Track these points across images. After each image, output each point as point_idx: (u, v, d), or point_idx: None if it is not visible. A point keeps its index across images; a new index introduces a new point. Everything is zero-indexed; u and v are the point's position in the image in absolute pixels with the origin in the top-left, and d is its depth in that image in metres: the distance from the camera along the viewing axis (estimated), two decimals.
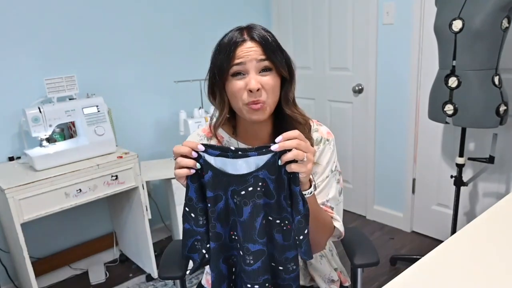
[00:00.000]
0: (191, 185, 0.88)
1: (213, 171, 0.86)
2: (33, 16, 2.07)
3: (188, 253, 0.94)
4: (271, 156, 0.83)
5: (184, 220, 0.92)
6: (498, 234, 0.99)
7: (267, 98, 0.94)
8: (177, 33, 2.62)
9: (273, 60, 0.93)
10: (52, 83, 1.96)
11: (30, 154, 1.89)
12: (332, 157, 1.05)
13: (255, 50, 0.92)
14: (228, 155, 0.84)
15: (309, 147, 0.82)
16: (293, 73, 1.00)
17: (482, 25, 1.67)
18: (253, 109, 0.94)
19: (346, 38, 2.65)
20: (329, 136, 1.07)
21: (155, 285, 2.25)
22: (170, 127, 2.65)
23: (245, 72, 0.93)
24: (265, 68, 0.93)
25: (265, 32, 0.95)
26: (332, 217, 1.03)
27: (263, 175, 0.84)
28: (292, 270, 0.93)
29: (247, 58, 0.91)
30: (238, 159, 0.84)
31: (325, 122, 2.84)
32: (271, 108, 0.97)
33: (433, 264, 0.88)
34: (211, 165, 0.86)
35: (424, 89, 2.33)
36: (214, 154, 0.85)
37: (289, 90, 0.99)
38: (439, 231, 2.47)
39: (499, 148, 2.05)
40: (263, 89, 0.93)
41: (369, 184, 2.79)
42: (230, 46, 0.92)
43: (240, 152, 0.83)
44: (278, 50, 0.95)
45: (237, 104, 0.96)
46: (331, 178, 1.04)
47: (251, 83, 0.91)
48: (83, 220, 2.42)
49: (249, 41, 0.92)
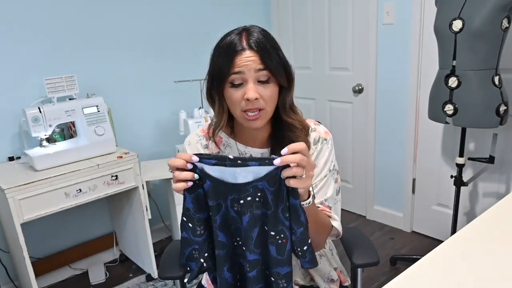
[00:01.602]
0: (188, 196, 0.87)
1: (211, 180, 0.85)
2: (33, 16, 2.07)
3: (186, 261, 0.94)
4: (274, 169, 0.81)
5: (182, 229, 0.91)
6: (498, 234, 0.99)
7: (265, 107, 0.94)
8: (177, 33, 2.62)
9: (271, 69, 0.93)
10: (52, 83, 1.96)
11: (30, 154, 1.89)
12: (330, 156, 1.06)
13: (253, 59, 0.92)
14: (226, 163, 0.82)
15: (311, 163, 0.82)
16: (292, 79, 0.99)
17: (482, 25, 1.67)
18: (250, 120, 0.95)
19: (346, 38, 2.65)
20: (327, 135, 1.07)
21: (155, 285, 2.24)
22: (170, 127, 2.65)
23: (243, 81, 0.93)
24: (264, 77, 0.93)
25: (264, 37, 0.94)
26: (330, 216, 1.04)
27: (262, 186, 0.84)
28: (283, 287, 0.90)
29: (245, 67, 0.91)
30: (237, 168, 0.83)
31: (325, 122, 2.84)
32: (269, 116, 0.98)
33: (433, 264, 0.88)
34: (208, 174, 0.85)
35: (424, 89, 2.32)
36: (210, 163, 0.83)
37: (286, 97, 0.99)
38: (439, 231, 2.47)
39: (499, 148, 2.05)
40: (261, 98, 0.93)
41: (369, 184, 2.79)
42: (229, 54, 0.92)
43: (239, 161, 0.82)
44: (277, 56, 0.95)
45: (235, 112, 0.97)
46: (329, 177, 1.05)
47: (249, 92, 0.92)
48: (83, 220, 2.42)
49: (248, 50, 0.92)
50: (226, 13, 2.81)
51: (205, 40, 2.70)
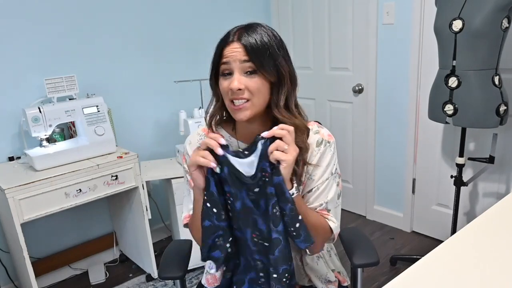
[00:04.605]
0: (211, 179, 0.91)
1: (230, 168, 0.90)
2: (33, 16, 2.07)
3: (209, 252, 0.95)
4: (263, 143, 0.88)
5: (204, 217, 0.93)
6: (498, 234, 0.99)
7: (251, 98, 0.96)
8: (177, 33, 2.62)
9: (256, 62, 0.94)
10: (52, 83, 1.96)
11: (30, 154, 1.89)
12: (333, 159, 1.06)
13: (239, 51, 0.94)
14: (240, 156, 0.90)
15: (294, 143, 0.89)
16: (284, 78, 0.98)
17: (482, 25, 1.67)
18: (235, 109, 0.97)
19: (346, 38, 2.65)
20: (330, 138, 1.07)
21: (155, 285, 2.24)
22: (170, 127, 2.65)
23: (230, 71, 0.96)
24: (250, 69, 0.95)
25: (259, 35, 0.95)
26: (328, 219, 1.04)
27: (263, 165, 0.89)
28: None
29: (231, 57, 0.95)
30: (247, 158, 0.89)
31: (325, 122, 2.85)
32: (257, 109, 0.98)
33: (433, 264, 0.88)
34: (229, 161, 0.90)
35: (424, 89, 2.32)
36: (230, 153, 0.90)
37: (280, 94, 0.99)
38: (439, 231, 2.47)
39: (499, 148, 2.05)
40: (246, 89, 0.95)
41: (369, 184, 2.79)
42: (220, 45, 0.98)
43: (246, 152, 0.90)
44: (268, 53, 0.95)
45: (226, 101, 1.00)
46: (331, 180, 1.05)
47: (233, 83, 0.94)
48: (83, 220, 2.42)
49: (236, 42, 0.95)
50: (226, 13, 2.81)
51: (205, 40, 2.70)
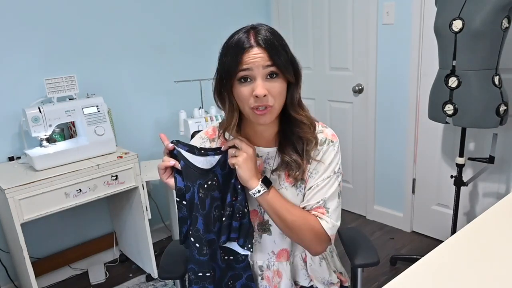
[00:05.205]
0: (177, 177, 0.98)
1: (185, 161, 0.97)
2: (33, 16, 2.07)
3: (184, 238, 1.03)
4: (223, 155, 1.01)
5: (178, 210, 1.01)
6: (498, 234, 0.99)
7: (274, 103, 0.95)
8: (177, 33, 2.62)
9: (279, 65, 0.94)
10: (52, 83, 1.96)
11: (30, 154, 1.89)
12: (336, 158, 1.06)
13: (261, 56, 0.92)
14: (195, 152, 0.98)
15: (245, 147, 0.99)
16: (299, 75, 1.01)
17: (482, 25, 1.67)
18: (259, 114, 0.96)
19: (346, 38, 2.65)
20: (334, 138, 1.08)
21: (155, 285, 2.24)
22: (170, 127, 2.64)
23: (252, 77, 0.94)
24: (272, 73, 0.94)
25: (271, 35, 0.96)
26: (322, 218, 1.02)
27: (216, 171, 1.01)
28: (242, 260, 1.06)
29: (253, 64, 0.92)
30: (201, 157, 0.99)
31: (325, 122, 2.83)
32: (277, 112, 0.99)
33: (433, 264, 0.88)
34: (182, 155, 0.97)
35: (424, 89, 2.32)
36: (184, 149, 0.97)
37: (295, 93, 1.01)
38: (439, 231, 2.47)
39: (499, 148, 2.05)
40: (269, 95, 0.94)
41: (369, 184, 2.79)
42: (237, 52, 0.93)
43: (203, 151, 0.99)
44: (284, 53, 0.96)
45: (244, 109, 0.98)
46: (332, 179, 1.05)
47: (257, 89, 0.92)
48: (83, 220, 2.42)
49: (256, 47, 0.93)
50: (226, 14, 2.81)
51: (205, 41, 2.70)
